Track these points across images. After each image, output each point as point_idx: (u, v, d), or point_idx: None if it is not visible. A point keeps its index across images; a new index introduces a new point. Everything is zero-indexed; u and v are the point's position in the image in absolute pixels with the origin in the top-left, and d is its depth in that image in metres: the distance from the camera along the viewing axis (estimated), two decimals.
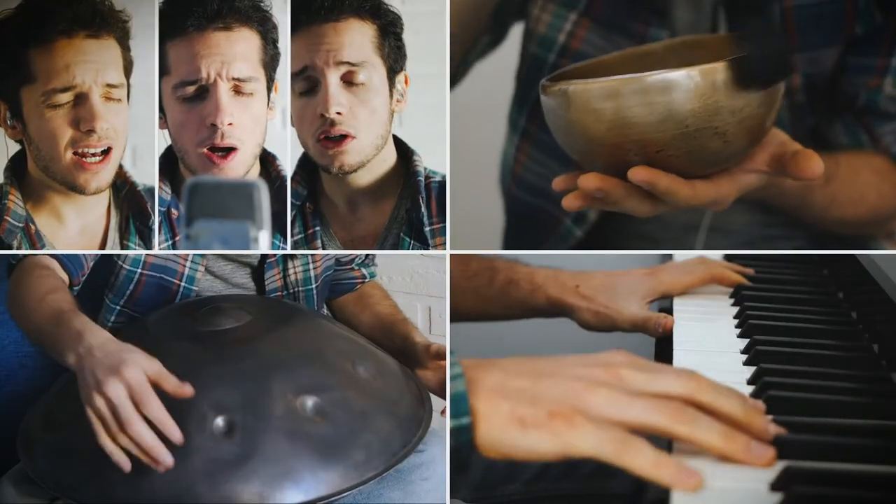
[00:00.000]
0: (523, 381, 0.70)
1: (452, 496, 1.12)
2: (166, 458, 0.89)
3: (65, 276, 1.16)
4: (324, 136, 1.20)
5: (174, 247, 1.23)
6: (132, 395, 0.89)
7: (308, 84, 1.20)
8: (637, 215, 0.91)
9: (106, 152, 1.18)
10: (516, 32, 1.42)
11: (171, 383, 0.91)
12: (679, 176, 0.86)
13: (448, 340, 0.73)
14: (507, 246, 1.51)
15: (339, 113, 1.19)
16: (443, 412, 1.15)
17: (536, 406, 0.68)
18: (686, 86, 0.83)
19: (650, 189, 0.86)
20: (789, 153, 0.91)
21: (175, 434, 0.89)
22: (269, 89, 1.22)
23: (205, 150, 1.19)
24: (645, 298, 1.15)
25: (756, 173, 0.92)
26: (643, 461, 0.66)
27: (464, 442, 0.69)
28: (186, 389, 0.91)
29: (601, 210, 1.32)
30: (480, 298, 1.21)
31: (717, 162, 0.89)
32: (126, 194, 1.23)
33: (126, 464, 0.90)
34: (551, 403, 0.68)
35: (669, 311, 1.14)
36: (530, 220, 1.44)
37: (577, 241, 1.39)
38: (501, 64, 1.48)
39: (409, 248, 1.23)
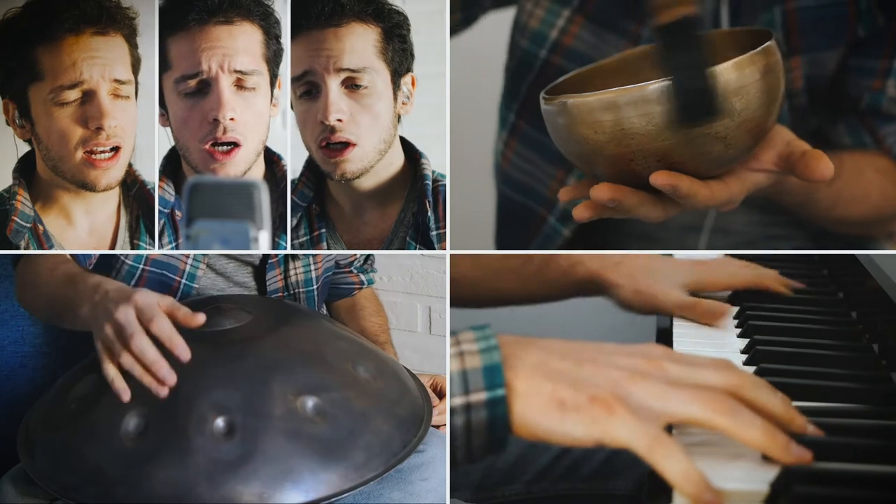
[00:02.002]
0: (565, 363, 0.69)
1: (452, 495, 1.12)
2: (168, 374, 0.89)
3: (72, 259, 1.16)
4: (325, 144, 1.19)
5: (178, 248, 1.23)
6: (139, 315, 0.89)
7: (309, 88, 1.20)
8: (649, 221, 0.91)
9: (115, 150, 1.18)
10: (504, 24, 1.42)
11: (183, 312, 0.92)
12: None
13: (448, 341, 0.73)
14: (498, 245, 1.51)
15: (339, 120, 1.18)
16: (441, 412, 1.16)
17: (578, 390, 0.67)
18: None
19: (672, 192, 0.86)
20: (798, 153, 0.91)
21: (184, 351, 0.89)
22: (272, 85, 1.22)
23: (207, 146, 1.19)
24: (686, 286, 1.11)
25: (764, 172, 0.93)
26: (673, 466, 0.64)
27: (499, 415, 0.67)
28: (199, 318, 0.92)
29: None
30: (519, 277, 1.17)
31: (721, 164, 0.89)
32: (136, 193, 1.23)
33: (125, 392, 0.90)
34: (593, 388, 0.67)
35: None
36: (517, 219, 1.43)
37: (565, 241, 1.38)
38: (503, 64, 1.48)
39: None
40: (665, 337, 1.07)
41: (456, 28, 1.38)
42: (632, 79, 1.03)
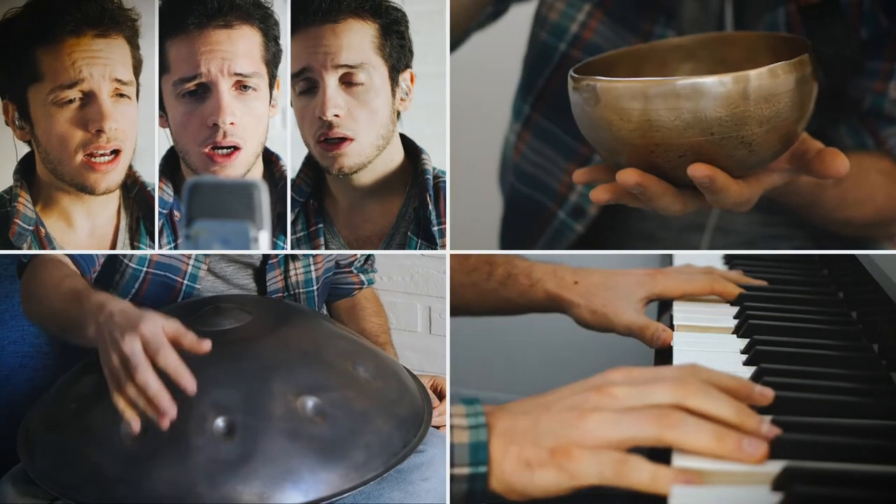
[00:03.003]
0: (526, 420, 0.73)
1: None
2: (170, 407, 0.88)
3: (78, 272, 1.15)
4: (323, 139, 1.20)
5: (177, 249, 1.23)
6: (146, 347, 0.89)
7: (307, 85, 1.20)
8: (666, 213, 0.90)
9: (115, 153, 1.18)
10: (523, 18, 1.42)
11: (189, 339, 0.91)
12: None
13: (448, 340, 0.73)
14: (503, 238, 1.51)
15: (336, 115, 1.18)
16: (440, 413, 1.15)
17: (538, 445, 0.71)
18: (715, 92, 0.82)
19: (709, 185, 0.86)
20: (813, 151, 0.91)
21: (189, 384, 0.89)
22: (270, 86, 1.22)
23: (207, 149, 1.19)
24: (643, 300, 1.14)
25: (779, 172, 0.93)
26: (642, 477, 0.67)
27: (478, 490, 0.72)
28: (205, 345, 0.91)
29: (601, 206, 1.32)
30: (479, 292, 1.20)
31: (741, 169, 0.88)
32: (136, 195, 1.23)
33: (135, 422, 0.89)
34: (551, 440, 0.71)
35: (670, 310, 1.14)
36: (526, 212, 1.43)
37: (578, 237, 1.39)
38: (502, 63, 1.48)
39: (416, 248, 1.23)
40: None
41: (485, 21, 1.38)
42: (660, 68, 1.02)
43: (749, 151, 0.85)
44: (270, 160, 1.25)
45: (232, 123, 1.18)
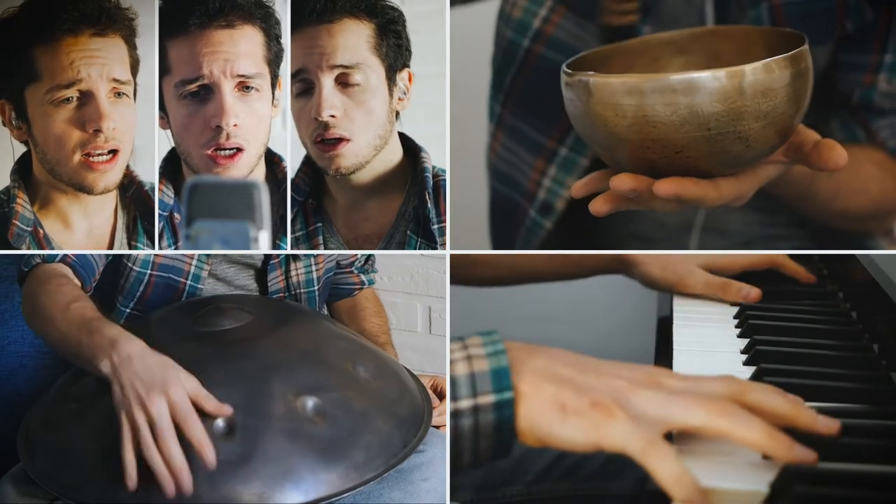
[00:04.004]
0: (569, 370, 0.70)
1: (453, 496, 1.12)
2: (189, 484, 0.89)
3: (78, 284, 1.15)
4: (320, 139, 1.19)
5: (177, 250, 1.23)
6: (174, 415, 0.90)
7: (304, 86, 1.20)
8: (663, 212, 0.90)
9: (113, 152, 1.18)
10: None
11: (212, 404, 0.92)
12: (701, 175, 0.86)
13: (448, 340, 0.73)
14: (492, 239, 1.50)
15: (332, 116, 1.18)
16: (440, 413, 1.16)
17: (580, 394, 0.68)
18: (711, 88, 0.82)
19: (676, 201, 0.86)
20: (810, 143, 0.91)
21: (211, 458, 0.89)
22: (273, 86, 1.22)
23: (209, 151, 1.19)
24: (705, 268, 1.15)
25: (775, 164, 0.92)
26: (666, 470, 0.65)
27: (507, 418, 0.68)
28: (226, 410, 0.92)
29: (569, 200, 1.31)
30: (547, 256, 1.19)
31: (738, 164, 0.88)
32: (133, 194, 1.23)
33: (133, 481, 0.90)
34: (595, 394, 0.68)
35: (670, 310, 1.14)
36: (504, 212, 1.43)
37: (547, 234, 1.37)
38: None
39: (416, 246, 1.23)
40: (665, 329, 1.08)
41: None
42: (652, 64, 1.02)
43: (746, 146, 0.85)
44: (273, 161, 1.24)
45: (235, 125, 1.18)
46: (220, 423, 0.93)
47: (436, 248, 1.22)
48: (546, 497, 1.20)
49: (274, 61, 1.21)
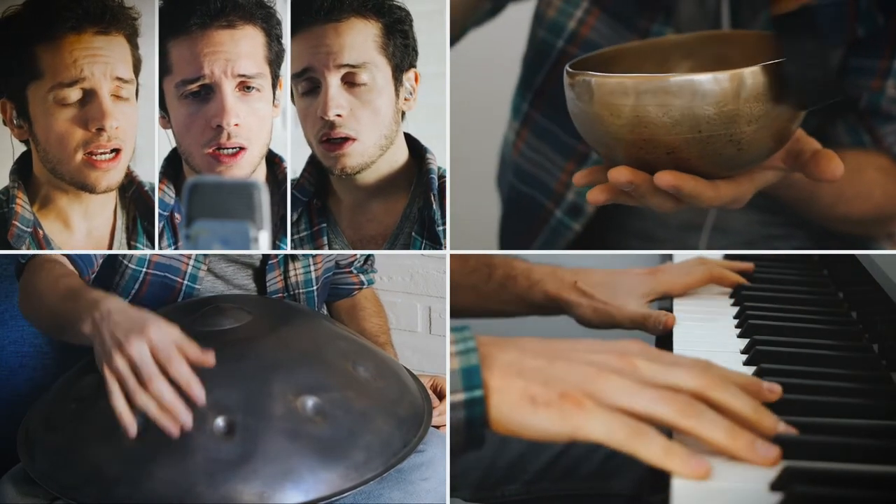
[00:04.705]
0: (538, 361, 0.71)
1: (452, 495, 1.12)
2: (187, 417, 0.88)
3: (75, 272, 1.15)
4: (325, 139, 1.19)
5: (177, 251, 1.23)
6: (156, 355, 0.88)
7: (310, 85, 1.20)
8: (659, 211, 0.91)
9: (116, 151, 1.18)
10: (523, 17, 1.42)
11: (194, 351, 0.91)
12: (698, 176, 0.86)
13: (448, 340, 0.73)
14: (502, 237, 1.51)
15: (339, 115, 1.18)
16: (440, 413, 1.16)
17: (548, 386, 0.69)
18: (704, 91, 0.82)
19: (675, 194, 0.86)
20: (808, 152, 0.91)
21: (200, 395, 0.89)
22: (274, 86, 1.22)
23: (211, 150, 1.19)
24: (644, 298, 1.14)
25: (773, 170, 0.92)
26: (653, 449, 0.66)
27: (477, 415, 0.70)
28: (209, 358, 0.91)
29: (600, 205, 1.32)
30: (478, 294, 1.20)
31: (732, 167, 0.88)
32: (133, 194, 1.22)
33: (133, 427, 0.89)
34: (563, 385, 0.69)
35: (670, 310, 1.14)
36: (524, 211, 1.43)
37: (575, 235, 1.38)
38: (502, 62, 1.48)
39: (420, 248, 1.23)
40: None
41: (482, 19, 1.38)
42: (660, 65, 1.03)
43: (738, 150, 0.85)
44: (273, 161, 1.24)
45: (236, 125, 1.18)
46: (220, 422, 0.93)
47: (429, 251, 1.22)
48: (545, 496, 1.21)
49: (275, 61, 1.21)
